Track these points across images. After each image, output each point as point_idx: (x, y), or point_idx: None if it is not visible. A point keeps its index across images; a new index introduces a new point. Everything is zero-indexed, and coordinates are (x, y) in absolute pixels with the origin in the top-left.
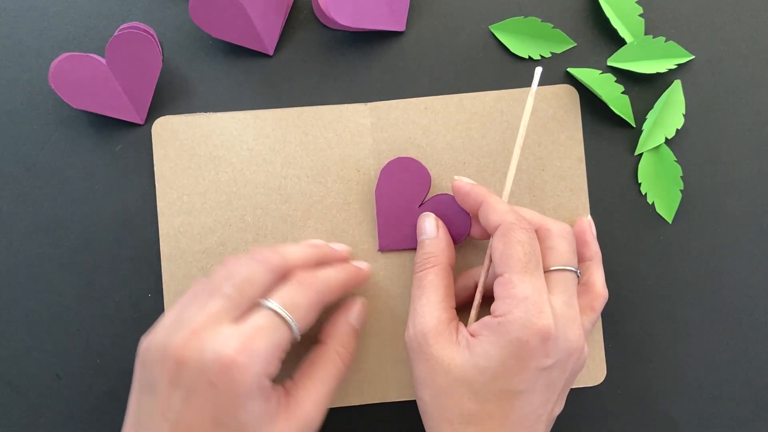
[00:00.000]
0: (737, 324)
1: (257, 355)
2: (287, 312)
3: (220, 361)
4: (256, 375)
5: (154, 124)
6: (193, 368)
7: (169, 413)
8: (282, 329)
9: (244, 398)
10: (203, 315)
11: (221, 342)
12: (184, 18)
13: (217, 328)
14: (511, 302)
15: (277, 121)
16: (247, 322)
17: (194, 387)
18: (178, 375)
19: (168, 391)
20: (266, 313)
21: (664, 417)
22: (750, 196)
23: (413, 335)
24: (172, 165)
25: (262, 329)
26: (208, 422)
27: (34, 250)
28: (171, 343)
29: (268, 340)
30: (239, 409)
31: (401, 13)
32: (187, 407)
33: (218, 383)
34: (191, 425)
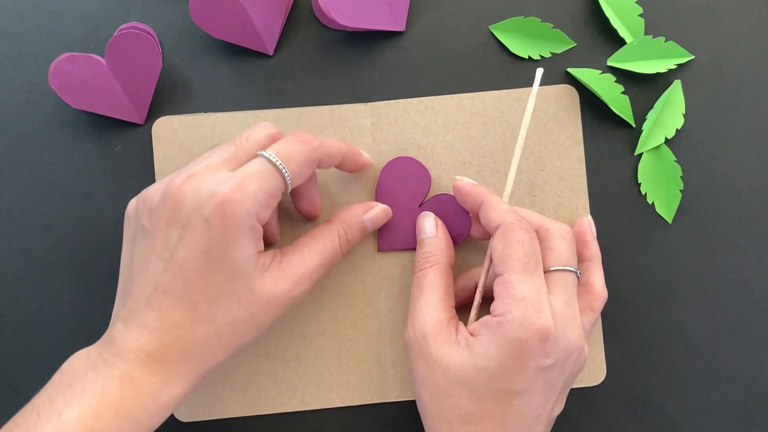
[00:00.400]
0: (737, 324)
1: (249, 195)
2: (281, 161)
3: (213, 197)
4: (246, 213)
5: (154, 124)
6: (189, 205)
7: (164, 252)
8: (275, 177)
9: (235, 234)
10: (201, 165)
11: (216, 182)
12: (184, 18)
13: (213, 172)
14: (510, 302)
15: (277, 121)
16: (243, 167)
17: (189, 224)
18: (176, 214)
19: (165, 231)
20: (261, 160)
21: (664, 417)
22: (750, 196)
23: (412, 335)
24: (172, 165)
25: (256, 173)
26: (200, 258)
27: (34, 250)
28: (170, 185)
29: (260, 184)
30: (230, 245)
31: (401, 13)
32: (182, 244)
33: (211, 218)
34: (184, 261)
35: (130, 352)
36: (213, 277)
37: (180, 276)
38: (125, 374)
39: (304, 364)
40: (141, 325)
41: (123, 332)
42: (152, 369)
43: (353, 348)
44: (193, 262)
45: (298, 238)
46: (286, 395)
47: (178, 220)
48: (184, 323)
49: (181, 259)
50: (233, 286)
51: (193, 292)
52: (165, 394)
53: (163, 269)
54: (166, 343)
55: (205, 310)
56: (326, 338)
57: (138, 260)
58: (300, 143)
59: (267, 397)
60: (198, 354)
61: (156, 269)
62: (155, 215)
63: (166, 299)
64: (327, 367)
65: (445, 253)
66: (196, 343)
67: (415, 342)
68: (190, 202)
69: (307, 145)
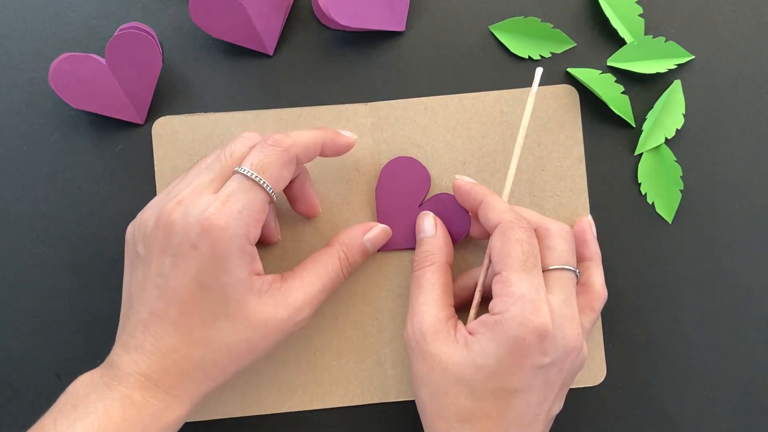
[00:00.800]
0: (737, 324)
1: (233, 216)
2: (256, 173)
3: (199, 223)
4: (234, 236)
5: (154, 124)
6: (179, 233)
7: (158, 279)
8: (254, 191)
9: (224, 259)
10: (188, 187)
11: (201, 206)
12: (184, 18)
13: (199, 196)
14: (508, 300)
15: (277, 121)
16: (223, 188)
17: (179, 251)
18: (167, 241)
19: (158, 259)
20: (237, 177)
21: (664, 417)
22: (750, 196)
23: (411, 333)
24: (172, 165)
25: (235, 193)
26: (191, 284)
27: (34, 250)
28: (161, 212)
29: (241, 203)
30: (220, 270)
31: (401, 13)
32: (174, 270)
33: (199, 245)
34: (177, 288)
35: (130, 375)
36: (206, 303)
37: (174, 302)
38: (126, 397)
39: (304, 364)
40: (139, 350)
41: (122, 356)
42: (152, 392)
43: (353, 348)
44: (185, 288)
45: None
46: (286, 395)
47: (169, 248)
48: (180, 348)
49: (174, 285)
50: (227, 311)
51: (188, 317)
52: (165, 416)
53: (157, 295)
54: (163, 367)
55: (199, 334)
56: (326, 338)
57: (135, 286)
58: (271, 147)
59: (267, 397)
60: (195, 377)
61: (151, 295)
62: (149, 243)
63: (161, 324)
64: (327, 367)
65: (443, 252)
66: (192, 366)
67: (414, 341)
68: (179, 229)
69: (278, 147)
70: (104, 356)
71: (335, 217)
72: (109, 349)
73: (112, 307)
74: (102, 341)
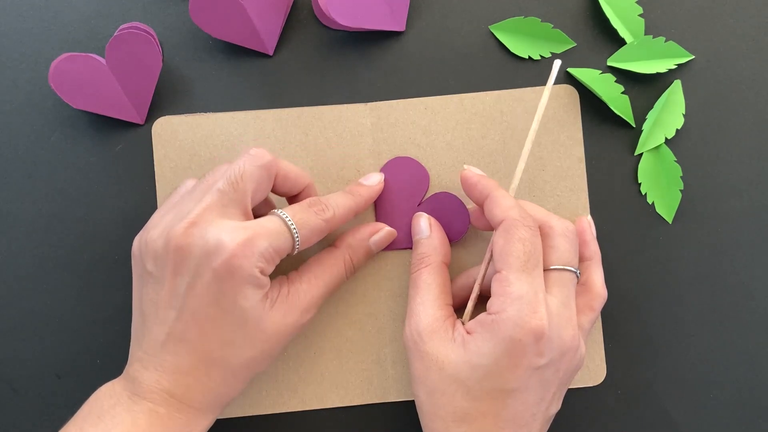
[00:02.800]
0: (737, 324)
1: (258, 251)
2: (295, 225)
3: (224, 250)
4: (253, 268)
5: (154, 124)
6: (197, 255)
7: (174, 300)
8: (285, 238)
9: (242, 286)
10: (199, 208)
11: (224, 231)
12: (184, 18)
13: (218, 219)
14: (505, 300)
15: (277, 121)
16: (255, 221)
17: (198, 273)
18: (182, 263)
19: (172, 279)
20: (275, 219)
21: (664, 417)
22: (750, 196)
23: (409, 333)
24: (172, 165)
25: (269, 231)
26: (211, 307)
27: (34, 250)
28: (171, 233)
29: (270, 242)
30: (239, 296)
31: (401, 13)
32: (192, 294)
33: (220, 270)
34: (196, 311)
35: (154, 392)
36: (225, 325)
37: (193, 324)
38: (152, 411)
39: (304, 364)
40: (159, 369)
41: (142, 373)
42: (176, 407)
43: (353, 348)
44: (204, 311)
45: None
46: (286, 395)
47: (185, 269)
48: (200, 366)
49: (192, 308)
50: (245, 331)
51: (207, 339)
52: (190, 429)
53: (175, 317)
54: (185, 385)
55: (218, 354)
56: (326, 338)
57: (148, 304)
58: (314, 213)
59: (267, 397)
60: (217, 391)
61: (167, 316)
62: (160, 262)
63: (181, 345)
64: (327, 367)
65: (439, 252)
66: (213, 383)
67: (412, 341)
68: (197, 251)
69: (321, 216)
70: (104, 356)
71: None
72: (109, 349)
73: (112, 307)
74: (102, 341)
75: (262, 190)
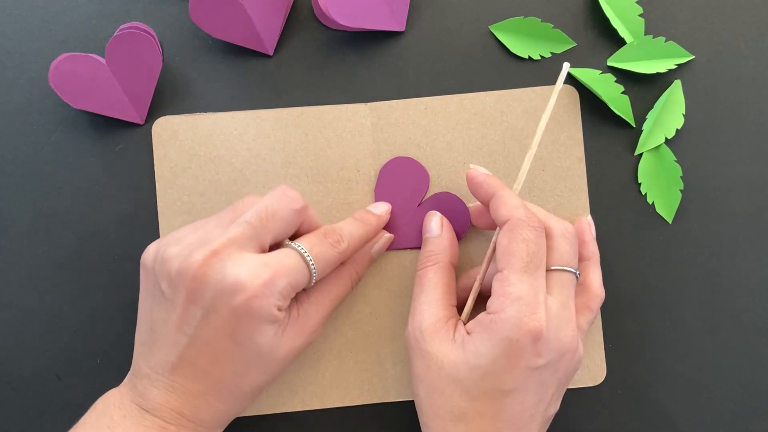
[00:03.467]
0: (737, 324)
1: (277, 290)
2: (313, 260)
3: (243, 290)
4: (271, 306)
5: (154, 124)
6: (214, 288)
7: (186, 327)
8: (303, 273)
9: (260, 323)
10: (224, 237)
11: (245, 268)
12: (184, 18)
13: (239, 253)
14: (504, 300)
15: (277, 121)
16: (273, 255)
17: (214, 307)
18: (197, 293)
19: (185, 306)
20: (293, 253)
21: (664, 417)
22: (750, 196)
23: (411, 331)
24: (172, 165)
25: (288, 268)
26: (226, 340)
27: (34, 250)
28: (190, 259)
29: (289, 279)
30: (255, 332)
31: (401, 13)
32: (206, 324)
33: (238, 308)
34: (209, 341)
35: (163, 410)
36: (238, 357)
37: (206, 352)
38: (162, 427)
39: (304, 364)
40: (169, 389)
41: (152, 390)
42: (185, 425)
43: (353, 348)
44: (218, 342)
45: None
46: (286, 395)
47: (200, 300)
48: (211, 392)
49: (206, 337)
50: (259, 362)
51: (220, 368)
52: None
53: (187, 343)
54: (196, 406)
55: (231, 381)
56: (326, 338)
57: (159, 324)
58: (330, 245)
59: (267, 397)
60: (225, 412)
61: (179, 341)
62: (174, 286)
63: (191, 370)
64: (327, 367)
65: (447, 252)
66: (224, 405)
67: (413, 339)
68: (215, 285)
69: (336, 248)
70: (104, 356)
71: (335, 217)
72: (110, 349)
73: (112, 307)
74: (102, 341)
75: (286, 232)
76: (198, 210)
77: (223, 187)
